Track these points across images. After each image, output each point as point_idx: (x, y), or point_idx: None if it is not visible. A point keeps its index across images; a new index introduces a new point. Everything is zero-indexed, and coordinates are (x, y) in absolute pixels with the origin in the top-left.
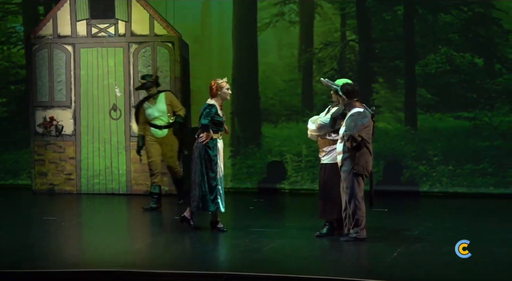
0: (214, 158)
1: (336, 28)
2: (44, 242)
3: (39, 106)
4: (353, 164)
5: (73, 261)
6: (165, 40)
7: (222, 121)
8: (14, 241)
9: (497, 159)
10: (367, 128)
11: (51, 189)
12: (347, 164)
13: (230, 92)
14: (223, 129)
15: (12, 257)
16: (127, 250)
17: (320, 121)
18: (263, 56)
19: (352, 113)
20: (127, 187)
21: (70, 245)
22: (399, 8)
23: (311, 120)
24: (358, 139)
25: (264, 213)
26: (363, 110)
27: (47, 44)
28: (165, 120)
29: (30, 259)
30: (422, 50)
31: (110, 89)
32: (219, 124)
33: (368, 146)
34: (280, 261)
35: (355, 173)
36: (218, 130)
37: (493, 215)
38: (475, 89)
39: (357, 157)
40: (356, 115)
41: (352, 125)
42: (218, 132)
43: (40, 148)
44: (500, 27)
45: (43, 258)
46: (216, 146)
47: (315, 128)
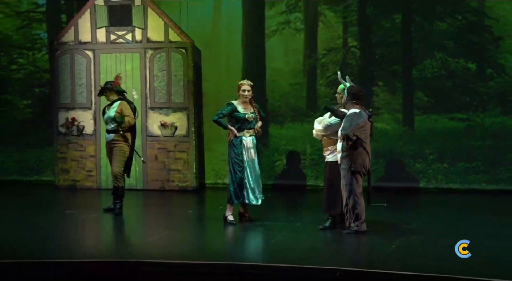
0: (239, 156)
1: (338, 35)
2: (65, 234)
3: (62, 108)
4: (351, 163)
5: (92, 252)
6: (179, 46)
7: (243, 118)
8: (38, 233)
9: (488, 157)
10: (363, 128)
11: (72, 185)
12: (345, 162)
13: (246, 93)
14: (249, 126)
15: (36, 247)
16: (143, 242)
17: (327, 122)
18: (270, 61)
19: (349, 113)
20: (143, 183)
21: (90, 237)
22: (397, 16)
23: (317, 121)
24: (353, 138)
25: (271, 207)
26: (359, 111)
27: (69, 50)
28: (112, 125)
29: (53, 250)
30: (419, 55)
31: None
32: (240, 121)
33: (365, 145)
34: (285, 252)
35: (353, 171)
36: (241, 127)
37: (485, 209)
38: (468, 92)
39: (355, 155)
40: (351, 116)
41: (347, 125)
42: (243, 130)
43: (62, 147)
44: (491, 35)
45: (64, 249)
46: (240, 144)
47: (321, 128)
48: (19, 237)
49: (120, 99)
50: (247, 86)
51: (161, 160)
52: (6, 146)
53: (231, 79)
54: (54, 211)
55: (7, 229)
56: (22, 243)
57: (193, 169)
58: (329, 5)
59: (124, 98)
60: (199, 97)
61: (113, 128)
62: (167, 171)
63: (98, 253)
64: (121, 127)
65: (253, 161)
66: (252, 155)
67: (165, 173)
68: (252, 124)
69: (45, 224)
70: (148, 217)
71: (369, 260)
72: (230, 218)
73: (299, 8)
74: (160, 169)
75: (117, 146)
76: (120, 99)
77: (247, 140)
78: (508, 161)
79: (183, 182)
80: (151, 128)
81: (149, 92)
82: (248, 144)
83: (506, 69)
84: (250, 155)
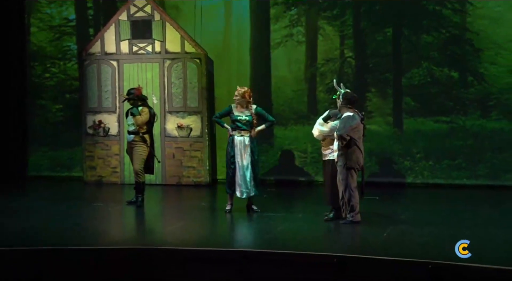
0: (231, 154)
1: (336, 47)
2: (92, 224)
3: (90, 111)
4: (346, 160)
5: (116, 240)
6: (193, 57)
7: (236, 120)
8: (68, 223)
9: (469, 156)
10: (356, 129)
11: (99, 180)
12: (341, 160)
13: (236, 98)
14: (243, 128)
15: (66, 235)
16: (161, 231)
17: (333, 124)
18: (275, 70)
19: (343, 116)
20: (162, 178)
21: (114, 226)
22: (388, 30)
23: (319, 123)
24: (347, 138)
25: (275, 200)
26: (353, 114)
27: (96, 60)
28: (133, 127)
29: (82, 238)
30: (407, 65)
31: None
32: (233, 122)
33: (358, 144)
34: (288, 240)
35: (348, 167)
36: (234, 128)
37: (466, 202)
38: (451, 98)
39: (349, 154)
40: (345, 118)
41: (341, 126)
42: (236, 130)
43: (90, 146)
44: (472, 47)
45: (91, 237)
46: (232, 142)
47: (328, 130)
48: (51, 226)
49: (143, 104)
50: (238, 91)
51: (178, 158)
52: (41, 145)
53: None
54: (82, 203)
55: (41, 219)
56: (55, 232)
57: (206, 166)
58: (327, 20)
59: (145, 104)
60: (212, 102)
61: (133, 130)
62: (183, 168)
63: (122, 241)
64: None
65: (243, 159)
66: (242, 154)
67: (181, 169)
68: (245, 126)
69: (74, 215)
70: (166, 209)
71: (363, 247)
72: (227, 207)
73: (300, 23)
74: (177, 166)
75: (137, 146)
76: (142, 105)
77: (238, 139)
78: (487, 159)
79: (197, 177)
80: (169, 129)
81: (167, 98)
82: (239, 143)
83: (485, 78)
84: (240, 153)
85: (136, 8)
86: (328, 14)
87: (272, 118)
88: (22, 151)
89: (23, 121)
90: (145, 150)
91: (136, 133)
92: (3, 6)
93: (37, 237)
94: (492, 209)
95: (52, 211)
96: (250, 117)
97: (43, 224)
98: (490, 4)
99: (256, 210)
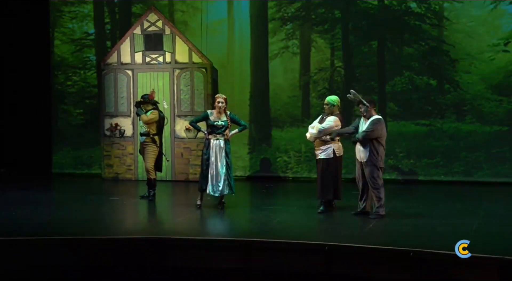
0: (205, 155)
1: (327, 58)
2: (109, 216)
3: (107, 115)
4: (377, 160)
5: (131, 230)
6: (200, 66)
7: (212, 124)
8: (87, 215)
9: (446, 154)
10: (383, 130)
11: (115, 177)
12: (372, 160)
13: (219, 105)
14: (217, 132)
15: (85, 227)
16: (171, 222)
17: (320, 127)
18: (273, 78)
19: (373, 119)
20: (172, 175)
21: (129, 218)
22: (373, 42)
23: (311, 126)
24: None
25: (273, 194)
26: (380, 117)
27: (113, 69)
28: (143, 129)
29: (99, 228)
30: (390, 74)
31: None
32: (210, 127)
33: (383, 143)
34: (284, 230)
35: (379, 167)
36: (210, 132)
37: (444, 196)
38: (430, 103)
39: (380, 153)
40: (375, 121)
41: (371, 128)
42: (212, 134)
43: (107, 146)
44: (449, 57)
45: (108, 228)
46: (209, 145)
47: (316, 132)
48: (74, 218)
49: (154, 109)
50: (221, 98)
51: (186, 157)
52: (64, 145)
53: (242, 93)
54: (100, 198)
55: (64, 211)
56: (76, 223)
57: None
58: (319, 33)
59: (156, 108)
60: None
61: (145, 132)
62: (190, 166)
63: (136, 231)
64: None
65: (217, 161)
66: (218, 156)
67: (189, 167)
68: (221, 130)
69: (93, 208)
70: (175, 203)
71: (351, 236)
72: (198, 202)
73: (295, 36)
74: (185, 164)
75: (148, 146)
76: (153, 109)
77: (214, 143)
78: (462, 158)
79: None
80: (178, 131)
81: (177, 103)
82: (215, 146)
83: (460, 85)
84: (215, 155)
85: (149, 23)
86: (320, 28)
87: (245, 123)
88: (47, 151)
89: (48, 123)
90: (155, 150)
91: (147, 134)
92: (30, 21)
93: (61, 228)
94: (466, 202)
95: (74, 205)
96: (226, 122)
97: (66, 216)
98: (464, 20)
99: (222, 206)
